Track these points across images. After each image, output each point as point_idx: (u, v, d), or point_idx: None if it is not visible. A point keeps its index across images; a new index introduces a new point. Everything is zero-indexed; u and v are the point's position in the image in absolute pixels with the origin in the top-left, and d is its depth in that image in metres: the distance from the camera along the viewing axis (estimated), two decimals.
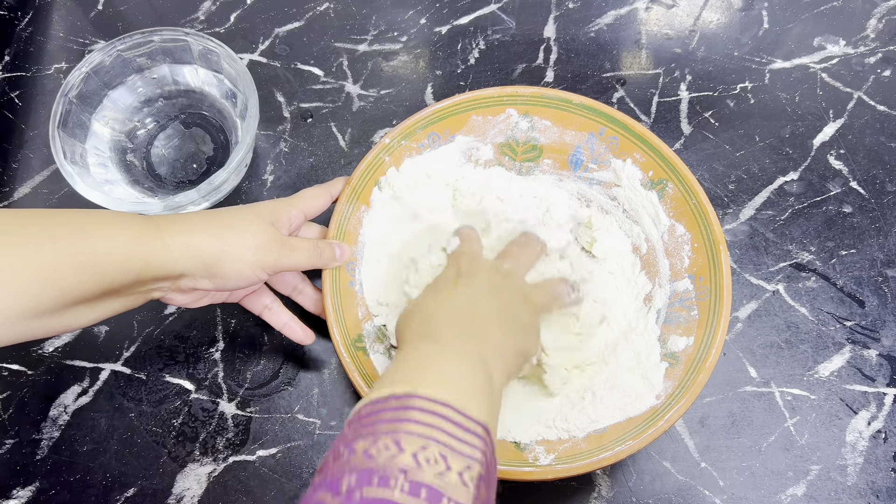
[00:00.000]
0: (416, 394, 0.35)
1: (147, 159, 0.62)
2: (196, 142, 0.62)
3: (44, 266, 0.39)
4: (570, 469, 0.46)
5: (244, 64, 0.59)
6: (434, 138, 0.58)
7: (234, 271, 0.46)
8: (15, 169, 0.65)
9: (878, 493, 0.52)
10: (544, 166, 0.60)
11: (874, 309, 0.58)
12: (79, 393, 0.56)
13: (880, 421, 0.55)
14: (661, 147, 0.54)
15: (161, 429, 0.55)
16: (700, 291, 0.51)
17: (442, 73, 0.69)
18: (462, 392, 0.37)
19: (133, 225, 0.43)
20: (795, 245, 0.61)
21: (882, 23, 0.71)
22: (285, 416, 0.55)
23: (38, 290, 0.39)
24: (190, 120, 0.65)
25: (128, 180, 0.61)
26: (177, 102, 0.65)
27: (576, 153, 0.59)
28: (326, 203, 0.54)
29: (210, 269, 0.45)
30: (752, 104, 0.67)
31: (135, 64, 0.61)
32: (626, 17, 0.72)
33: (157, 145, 0.63)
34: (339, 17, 0.72)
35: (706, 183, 0.63)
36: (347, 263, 0.54)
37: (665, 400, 0.48)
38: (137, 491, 0.52)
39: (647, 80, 0.68)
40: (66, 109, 0.57)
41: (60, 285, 0.39)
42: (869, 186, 0.63)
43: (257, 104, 0.57)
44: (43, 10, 0.73)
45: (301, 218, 0.52)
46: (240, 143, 0.56)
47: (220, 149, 0.64)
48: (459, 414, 0.35)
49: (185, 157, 0.63)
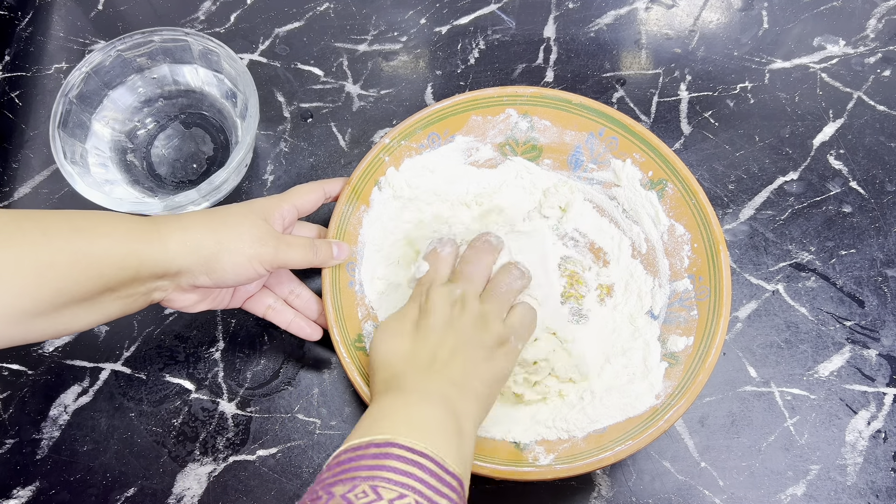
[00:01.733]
0: (395, 442, 0.36)
1: (147, 159, 0.62)
2: (196, 142, 0.62)
3: (39, 264, 0.39)
4: (569, 469, 0.46)
5: (244, 64, 0.59)
6: (434, 138, 0.58)
7: (232, 265, 0.46)
8: (15, 169, 0.65)
9: (878, 493, 0.52)
10: (544, 166, 0.60)
11: (874, 309, 0.58)
12: (79, 393, 0.56)
13: (880, 421, 0.55)
14: (661, 147, 0.54)
15: (161, 429, 0.55)
16: (700, 291, 0.52)
17: (442, 73, 0.69)
18: (436, 442, 0.37)
19: (129, 223, 0.43)
20: (795, 245, 0.61)
21: (882, 23, 0.71)
22: (285, 416, 0.55)
23: (34, 289, 0.39)
24: (190, 120, 0.65)
25: (128, 180, 0.61)
26: (177, 102, 0.65)
27: (575, 153, 0.59)
28: (319, 199, 0.53)
29: (208, 264, 0.45)
30: (752, 104, 0.67)
31: (135, 64, 0.62)
32: (625, 17, 0.72)
33: (157, 145, 0.63)
34: (339, 17, 0.72)
35: (706, 183, 0.63)
36: (347, 263, 0.54)
37: (665, 400, 0.48)
38: (137, 491, 0.52)
39: (646, 80, 0.68)
40: (66, 109, 0.57)
41: (56, 284, 0.39)
42: (869, 186, 0.63)
43: (257, 104, 0.57)
44: (43, 10, 0.73)
45: (294, 214, 0.52)
46: (240, 142, 0.56)
47: (220, 149, 0.64)
48: (435, 465, 0.35)
49: (185, 157, 0.63)
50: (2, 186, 0.64)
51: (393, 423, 0.39)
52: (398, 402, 0.42)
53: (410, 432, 0.37)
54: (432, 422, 0.39)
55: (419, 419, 0.39)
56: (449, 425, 0.40)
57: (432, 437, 0.37)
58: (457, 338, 0.45)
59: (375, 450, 0.36)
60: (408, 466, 0.35)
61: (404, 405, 0.41)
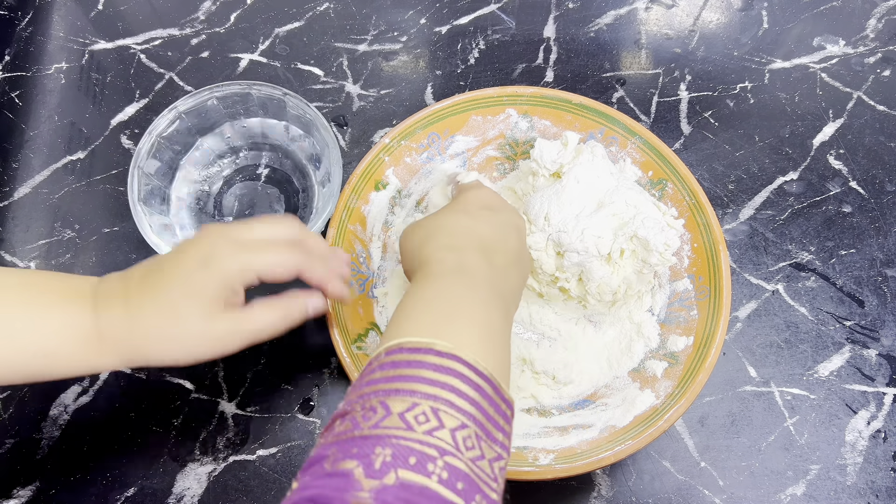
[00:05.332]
0: (458, 356, 0.33)
1: (218, 209, 0.61)
2: (270, 200, 0.60)
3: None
4: (569, 469, 0.46)
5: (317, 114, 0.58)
6: (434, 138, 0.58)
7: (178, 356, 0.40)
8: (15, 169, 0.65)
9: (878, 493, 0.52)
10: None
11: (874, 309, 0.59)
12: (79, 392, 0.56)
13: (880, 420, 0.55)
14: (661, 147, 0.54)
15: (161, 428, 0.55)
16: (699, 291, 0.52)
17: (442, 73, 0.69)
18: (497, 360, 0.35)
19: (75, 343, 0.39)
20: (795, 245, 0.61)
21: (882, 23, 0.71)
22: (285, 415, 0.55)
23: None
24: (271, 175, 0.62)
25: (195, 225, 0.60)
26: (259, 155, 0.63)
27: None
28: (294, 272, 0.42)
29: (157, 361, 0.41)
30: (752, 104, 0.67)
31: (228, 112, 0.61)
32: (625, 17, 0.72)
33: (229, 194, 0.62)
34: (339, 17, 0.72)
35: (706, 183, 0.63)
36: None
37: (664, 399, 0.48)
38: (137, 491, 0.52)
39: (646, 80, 0.68)
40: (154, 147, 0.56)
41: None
42: (868, 186, 0.63)
43: (340, 179, 0.55)
44: (43, 10, 0.73)
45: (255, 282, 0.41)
46: (317, 212, 0.55)
47: (290, 211, 0.61)
48: (494, 390, 0.33)
49: (255, 212, 0.61)
50: (2, 186, 0.64)
51: (460, 328, 0.35)
52: (465, 293, 0.38)
53: (473, 344, 0.34)
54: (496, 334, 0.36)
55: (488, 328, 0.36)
56: (506, 337, 0.37)
57: (493, 355, 0.35)
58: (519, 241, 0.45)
59: (436, 359, 0.32)
60: (470, 390, 0.32)
61: (472, 301, 0.37)
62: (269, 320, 0.42)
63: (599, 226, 0.49)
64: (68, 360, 0.39)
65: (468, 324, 0.36)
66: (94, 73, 0.69)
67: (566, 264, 0.51)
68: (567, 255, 0.50)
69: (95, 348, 0.39)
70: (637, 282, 0.51)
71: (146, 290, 0.40)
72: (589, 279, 0.51)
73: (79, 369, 0.40)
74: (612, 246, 0.49)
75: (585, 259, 0.50)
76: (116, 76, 0.69)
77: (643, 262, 0.49)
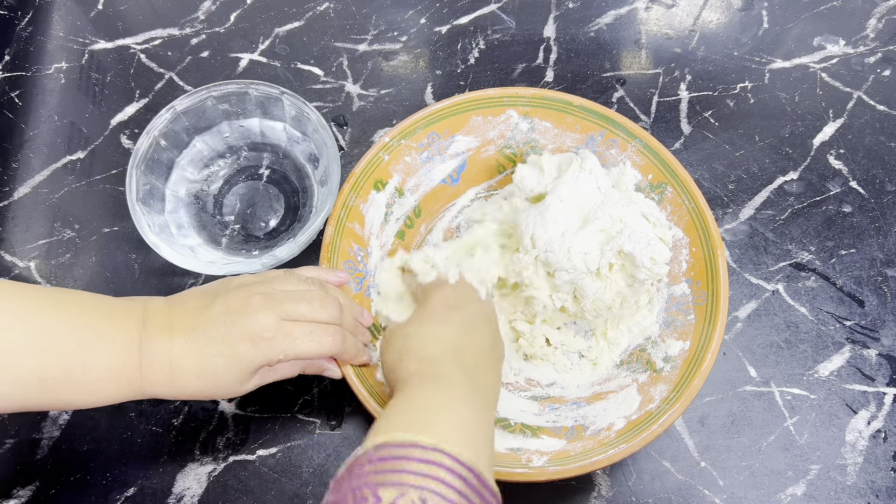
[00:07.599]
0: (443, 450, 0.35)
1: (219, 208, 0.61)
2: (270, 199, 0.61)
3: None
4: (561, 471, 0.45)
5: (318, 117, 0.58)
6: (434, 138, 0.58)
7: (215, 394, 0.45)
8: (15, 169, 0.65)
9: (878, 493, 0.52)
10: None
11: (874, 308, 0.59)
12: None
13: (880, 420, 0.55)
14: (661, 150, 0.54)
15: (161, 428, 0.55)
16: (697, 296, 0.51)
17: (442, 73, 0.69)
18: (480, 453, 0.37)
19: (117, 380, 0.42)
20: (795, 245, 0.61)
21: (882, 22, 0.71)
22: (285, 415, 0.55)
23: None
24: (271, 175, 0.63)
25: (195, 225, 0.60)
26: (260, 156, 0.63)
27: None
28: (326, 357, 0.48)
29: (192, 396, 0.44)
30: (752, 104, 0.67)
31: (226, 111, 0.61)
32: (625, 16, 0.72)
33: (231, 193, 0.62)
34: (339, 16, 0.72)
35: (706, 183, 0.63)
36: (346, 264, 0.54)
37: (659, 404, 0.48)
38: (137, 491, 0.52)
39: (646, 80, 0.68)
40: (151, 145, 0.57)
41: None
42: (868, 186, 0.63)
43: (338, 179, 0.55)
44: (43, 10, 0.73)
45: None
46: (316, 211, 0.55)
47: (289, 210, 0.62)
48: (479, 481, 0.35)
49: (255, 211, 0.62)
50: (2, 186, 0.64)
51: (440, 426, 0.37)
52: (441, 396, 0.41)
53: (456, 439, 0.36)
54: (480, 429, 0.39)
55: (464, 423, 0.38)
56: (489, 431, 0.40)
57: (476, 447, 0.37)
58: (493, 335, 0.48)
59: (422, 453, 0.34)
60: (456, 480, 0.34)
61: (448, 402, 0.40)
62: (288, 373, 0.47)
63: (585, 242, 0.50)
64: (97, 395, 0.41)
65: (448, 422, 0.38)
66: (93, 72, 0.69)
67: (558, 283, 0.51)
68: (557, 274, 0.50)
69: (125, 391, 0.42)
70: (631, 294, 0.51)
71: (189, 346, 0.42)
72: (583, 296, 0.51)
73: (97, 403, 0.42)
74: (599, 261, 0.49)
75: (576, 277, 0.50)
76: (116, 76, 0.69)
77: (631, 276, 0.50)
